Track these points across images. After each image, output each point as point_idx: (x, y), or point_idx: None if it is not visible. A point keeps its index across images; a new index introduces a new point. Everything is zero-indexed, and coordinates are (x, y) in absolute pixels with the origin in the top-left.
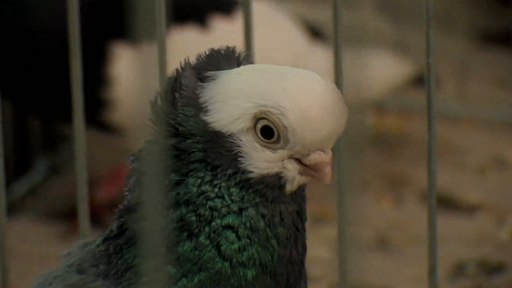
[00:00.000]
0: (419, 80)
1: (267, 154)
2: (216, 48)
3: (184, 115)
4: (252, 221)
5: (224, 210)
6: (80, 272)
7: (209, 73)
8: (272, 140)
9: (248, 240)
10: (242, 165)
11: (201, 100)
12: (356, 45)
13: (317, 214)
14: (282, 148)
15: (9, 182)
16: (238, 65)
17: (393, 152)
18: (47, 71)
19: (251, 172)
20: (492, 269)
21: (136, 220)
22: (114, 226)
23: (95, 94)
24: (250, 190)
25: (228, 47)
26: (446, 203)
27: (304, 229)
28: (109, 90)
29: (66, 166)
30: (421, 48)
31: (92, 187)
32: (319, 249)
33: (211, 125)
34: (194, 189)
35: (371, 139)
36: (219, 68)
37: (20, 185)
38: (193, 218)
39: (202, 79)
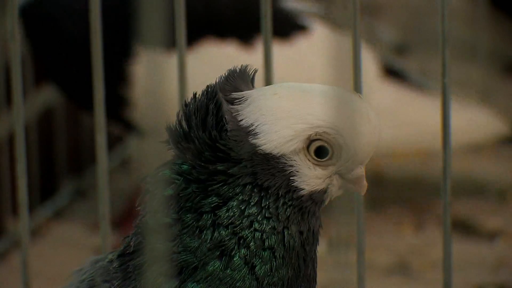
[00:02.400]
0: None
1: (319, 171)
2: (232, 68)
3: (235, 140)
4: (291, 240)
5: (269, 231)
6: (91, 287)
7: (234, 94)
8: (326, 158)
9: (281, 261)
10: (295, 183)
11: (244, 123)
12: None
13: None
14: (333, 165)
15: (34, 205)
16: (252, 84)
17: (415, 179)
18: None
19: (303, 189)
20: None
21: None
22: (131, 242)
23: (116, 91)
24: (296, 208)
25: (242, 66)
26: (469, 229)
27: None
28: (129, 88)
29: (92, 190)
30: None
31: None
32: (339, 273)
33: (261, 148)
34: (237, 212)
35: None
36: (237, 88)
37: (45, 208)
38: (233, 240)
39: (229, 101)
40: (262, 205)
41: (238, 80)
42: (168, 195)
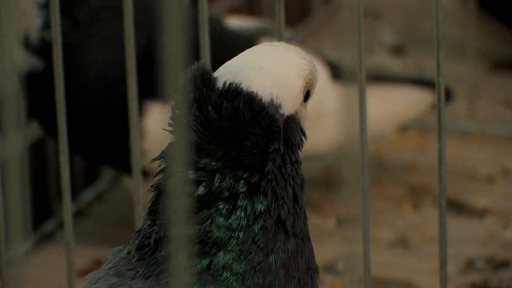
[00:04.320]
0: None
1: (305, 111)
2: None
3: (269, 114)
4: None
5: (301, 183)
6: (118, 275)
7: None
8: (309, 99)
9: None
10: (302, 131)
11: (266, 98)
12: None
13: (346, 216)
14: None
15: (78, 190)
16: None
17: (413, 164)
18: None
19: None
20: (498, 265)
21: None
22: (147, 236)
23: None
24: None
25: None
26: (459, 207)
27: None
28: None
29: (128, 177)
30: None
31: None
32: (346, 246)
33: (285, 112)
34: (277, 174)
35: (392, 153)
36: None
37: (88, 192)
38: (273, 203)
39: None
40: (293, 162)
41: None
42: (201, 193)
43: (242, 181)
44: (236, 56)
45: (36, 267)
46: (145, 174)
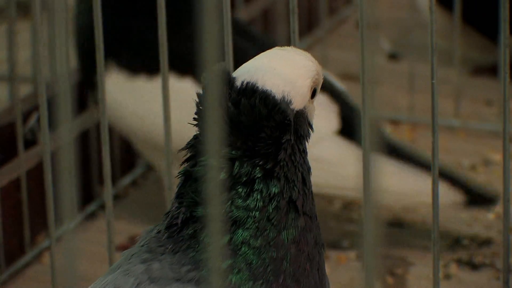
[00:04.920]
0: None
1: (312, 106)
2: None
3: (281, 110)
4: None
5: (308, 169)
6: (149, 252)
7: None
8: (316, 95)
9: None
10: (309, 124)
11: (278, 95)
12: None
13: (350, 200)
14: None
15: (117, 176)
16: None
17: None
18: None
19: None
20: (481, 243)
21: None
22: (176, 216)
23: None
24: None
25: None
26: None
27: None
28: None
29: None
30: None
31: None
32: (349, 226)
33: (295, 107)
34: (288, 161)
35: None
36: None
37: (125, 178)
38: (285, 186)
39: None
40: (302, 151)
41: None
42: (223, 178)
43: (258, 168)
44: (252, 59)
45: (81, 242)
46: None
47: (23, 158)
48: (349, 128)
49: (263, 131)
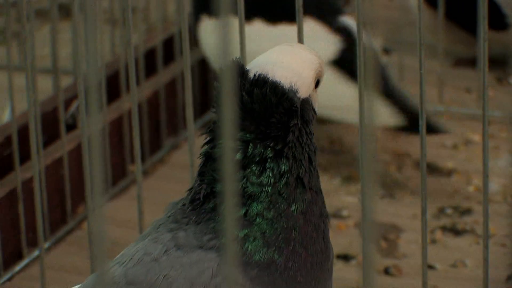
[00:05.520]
0: None
1: (315, 94)
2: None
3: (289, 98)
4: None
5: (314, 150)
6: (175, 222)
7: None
8: (319, 85)
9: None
10: (314, 110)
11: (286, 84)
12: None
13: (348, 176)
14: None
15: (146, 154)
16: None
17: (397, 135)
18: None
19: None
20: (463, 212)
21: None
22: (198, 191)
23: None
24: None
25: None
26: (433, 169)
27: None
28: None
29: (184, 144)
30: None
31: None
32: (348, 198)
33: (301, 95)
34: (295, 143)
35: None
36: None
37: (153, 156)
38: (293, 165)
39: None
40: (308, 134)
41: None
42: (238, 158)
43: (269, 149)
44: (263, 54)
45: (116, 212)
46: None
47: (64, 140)
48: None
49: (273, 116)
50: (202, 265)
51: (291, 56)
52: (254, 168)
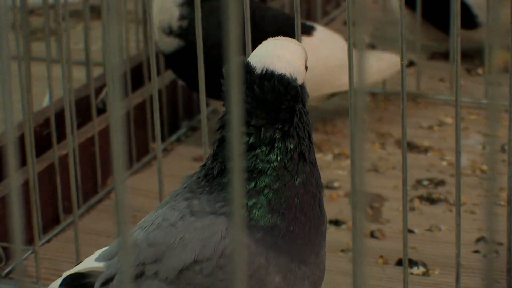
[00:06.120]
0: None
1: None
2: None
3: (292, 86)
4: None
5: (310, 129)
6: (190, 192)
7: (266, 65)
8: (306, 70)
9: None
10: (307, 94)
11: (287, 74)
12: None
13: (339, 153)
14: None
15: (165, 135)
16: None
17: (380, 117)
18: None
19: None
20: (437, 183)
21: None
22: (212, 167)
23: None
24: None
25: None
26: (412, 147)
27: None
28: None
29: (199, 125)
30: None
31: None
32: (339, 172)
33: (299, 82)
34: (298, 124)
35: (368, 110)
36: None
37: (172, 137)
38: (298, 142)
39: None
40: (307, 115)
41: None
42: (252, 141)
43: (278, 130)
44: (258, 47)
45: (139, 183)
46: None
47: (95, 122)
48: None
49: (283, 103)
50: (213, 229)
51: (284, 49)
52: (264, 148)
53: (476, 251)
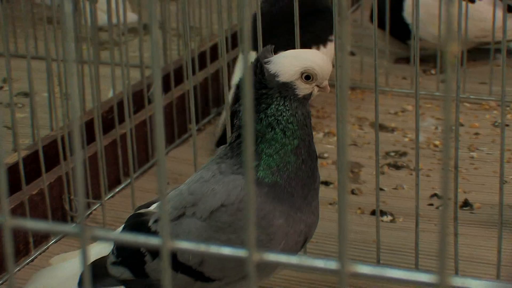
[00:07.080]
0: None
1: (307, 86)
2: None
3: (269, 79)
4: (300, 118)
5: (289, 115)
6: (220, 157)
7: (266, 59)
8: (310, 80)
9: (297, 127)
10: (296, 92)
11: (272, 70)
12: None
13: (328, 132)
14: (313, 82)
15: (198, 118)
16: (273, 54)
17: (359, 106)
18: None
19: (300, 94)
20: (401, 154)
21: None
22: (234, 139)
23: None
24: (299, 104)
25: (268, 46)
26: (382, 127)
27: (311, 125)
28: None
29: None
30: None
31: None
32: (328, 146)
33: (281, 80)
34: (275, 109)
35: (350, 100)
36: (267, 56)
37: (203, 120)
38: (275, 121)
39: (265, 62)
40: (285, 104)
41: (267, 52)
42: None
43: (260, 106)
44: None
45: (182, 154)
46: None
47: (147, 109)
48: None
49: (282, 91)
50: (235, 183)
51: (293, 54)
52: (270, 126)
53: (430, 204)
